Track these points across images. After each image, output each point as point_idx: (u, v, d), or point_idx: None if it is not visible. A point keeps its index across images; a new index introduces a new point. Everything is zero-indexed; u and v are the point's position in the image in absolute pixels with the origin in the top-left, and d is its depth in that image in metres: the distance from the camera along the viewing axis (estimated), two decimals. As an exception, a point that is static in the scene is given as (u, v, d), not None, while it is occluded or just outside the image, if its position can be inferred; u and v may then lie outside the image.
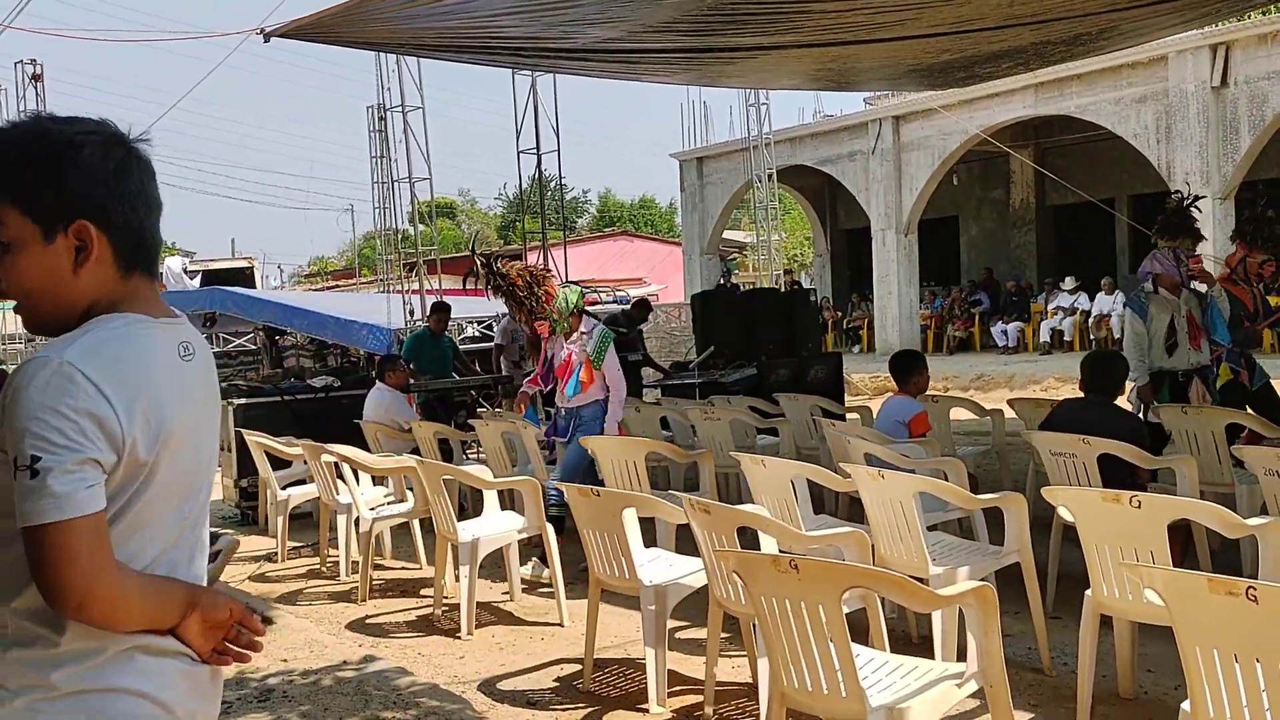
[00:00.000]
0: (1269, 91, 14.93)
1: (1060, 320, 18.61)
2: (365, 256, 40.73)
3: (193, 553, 1.66)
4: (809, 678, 2.95)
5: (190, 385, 1.61)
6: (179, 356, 1.60)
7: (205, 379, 1.66)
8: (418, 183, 15.24)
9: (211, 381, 1.69)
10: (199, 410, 1.62)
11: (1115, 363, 5.54)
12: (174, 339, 1.61)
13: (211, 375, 1.70)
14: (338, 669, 4.87)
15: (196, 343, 1.65)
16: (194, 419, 1.60)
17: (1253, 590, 2.40)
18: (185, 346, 1.62)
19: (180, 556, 1.62)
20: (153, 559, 1.56)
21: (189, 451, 1.60)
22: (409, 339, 11.02)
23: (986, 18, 7.53)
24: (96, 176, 1.53)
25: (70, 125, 1.55)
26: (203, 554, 1.69)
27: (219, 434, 1.75)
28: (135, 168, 1.59)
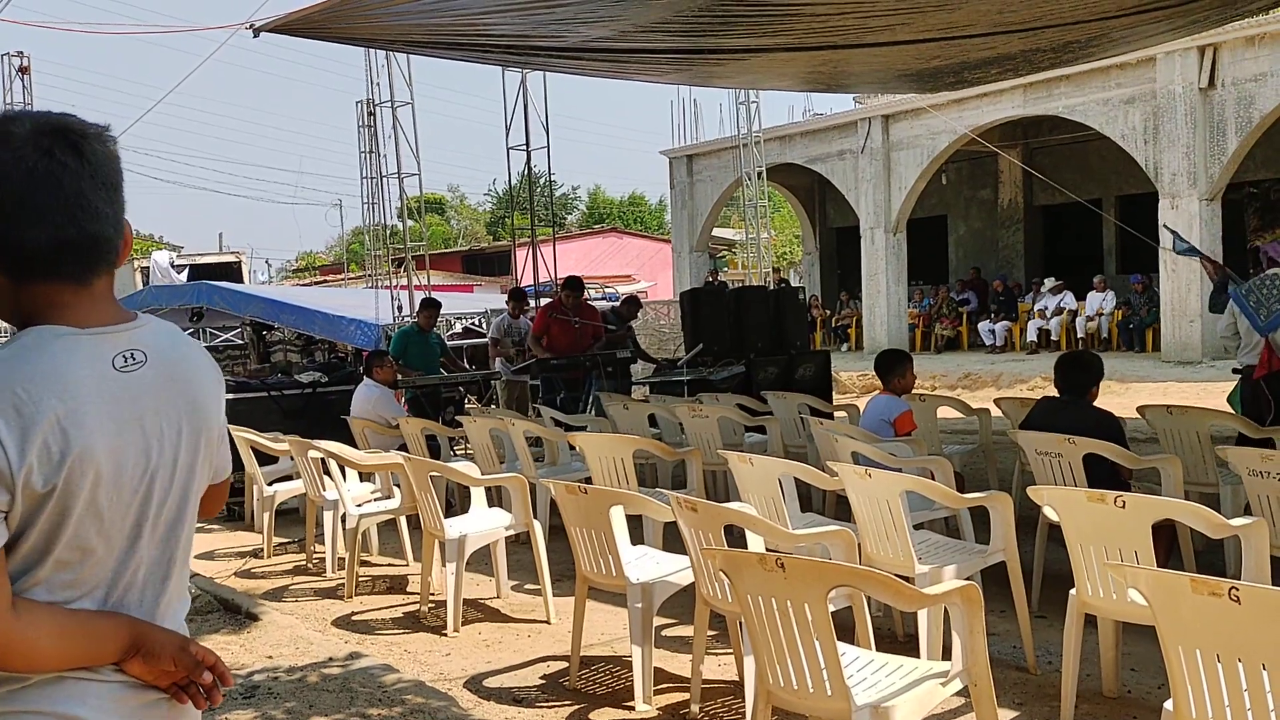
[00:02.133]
0: (1256, 93, 15.01)
1: (1047, 320, 18.68)
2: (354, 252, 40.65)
3: (157, 584, 1.57)
4: (795, 676, 2.96)
5: (133, 397, 1.50)
6: (114, 368, 1.49)
7: (163, 386, 1.54)
8: (407, 178, 15.22)
9: (177, 388, 1.56)
10: (150, 423, 1.52)
11: (1088, 362, 5.54)
12: (110, 349, 1.50)
13: (178, 382, 1.57)
14: (323, 666, 4.86)
15: (154, 348, 1.54)
16: (136, 434, 1.50)
17: (1235, 591, 2.42)
18: (128, 356, 1.51)
19: (132, 589, 1.53)
20: (87, 593, 1.49)
21: (131, 470, 1.49)
22: (397, 335, 11.01)
23: (976, 24, 7.55)
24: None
25: None
26: (174, 581, 1.60)
27: (201, 442, 1.61)
28: (35, 168, 1.46)
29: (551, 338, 10.16)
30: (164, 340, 1.59)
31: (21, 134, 1.46)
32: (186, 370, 1.60)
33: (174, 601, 1.61)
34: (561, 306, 10.35)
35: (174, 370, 1.57)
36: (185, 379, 1.59)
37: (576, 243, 34.58)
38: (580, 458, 6.66)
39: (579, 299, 10.58)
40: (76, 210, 1.48)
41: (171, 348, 1.59)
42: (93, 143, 1.52)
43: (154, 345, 1.56)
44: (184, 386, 1.58)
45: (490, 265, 34.71)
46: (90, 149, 1.51)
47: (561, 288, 10.74)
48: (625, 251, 36.56)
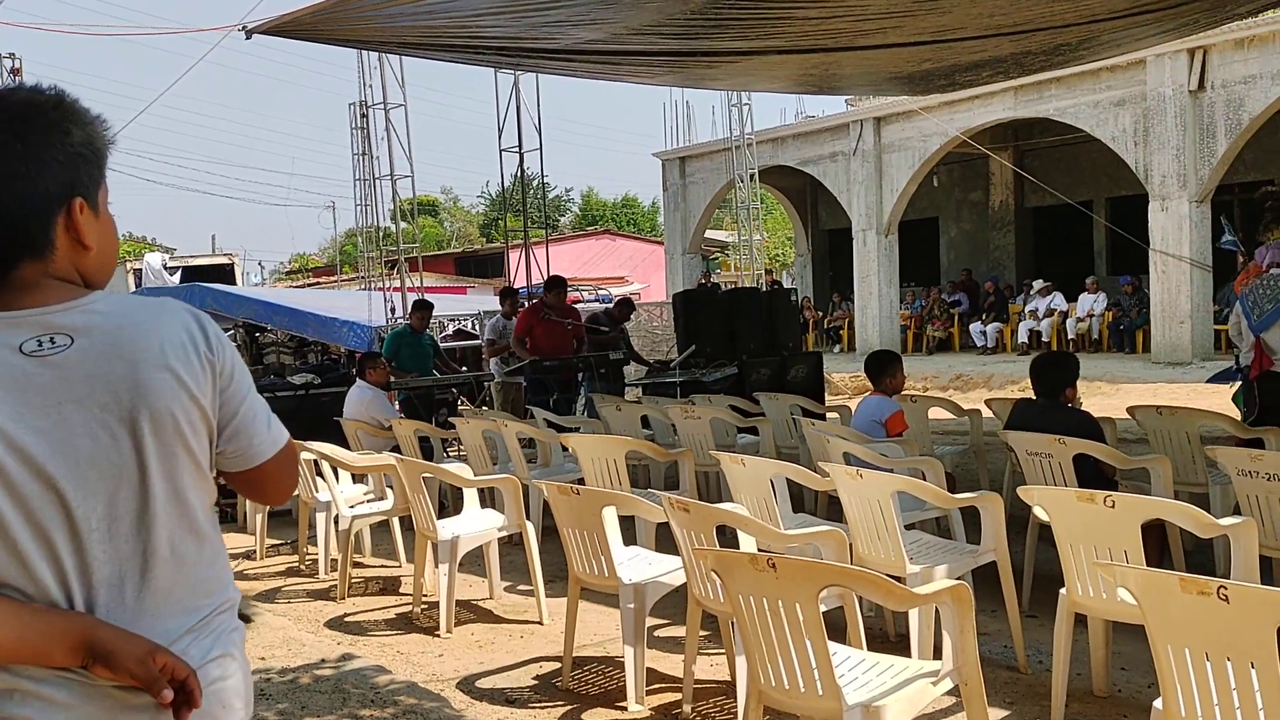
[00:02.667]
0: (1245, 95, 15.08)
1: (1038, 321, 18.74)
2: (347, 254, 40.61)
3: (134, 583, 1.48)
4: (786, 676, 2.97)
5: (45, 383, 1.42)
6: (21, 352, 1.42)
7: (94, 369, 1.44)
8: (399, 180, 15.22)
9: (116, 370, 1.45)
10: (75, 410, 1.44)
11: (1062, 361, 5.57)
12: (17, 334, 1.43)
13: (117, 363, 1.46)
14: (316, 667, 4.86)
15: (88, 328, 1.46)
16: (51, 421, 1.42)
17: (1224, 590, 2.44)
18: (43, 340, 1.44)
19: (96, 590, 1.46)
20: (35, 593, 1.43)
21: (49, 459, 1.42)
22: (390, 336, 11.00)
23: (967, 27, 7.58)
24: None
25: None
26: (158, 580, 1.50)
27: (149, 426, 1.48)
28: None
29: (535, 339, 10.17)
30: (103, 320, 1.48)
31: None
32: (127, 354, 1.47)
33: (166, 602, 1.51)
34: (544, 308, 10.36)
35: (110, 355, 1.46)
36: (127, 363, 1.46)
37: (569, 244, 34.57)
38: (573, 459, 6.67)
39: (563, 299, 10.60)
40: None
41: (114, 328, 1.48)
42: (14, 126, 1.47)
43: (88, 325, 1.47)
44: (121, 373, 1.46)
45: (483, 267, 34.69)
46: (7, 135, 1.47)
47: (545, 289, 10.75)
48: (618, 253, 36.55)
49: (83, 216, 1.53)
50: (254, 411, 1.62)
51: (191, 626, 1.53)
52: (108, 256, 1.61)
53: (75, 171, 1.52)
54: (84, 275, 1.56)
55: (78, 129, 1.53)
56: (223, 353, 1.57)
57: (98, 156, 1.56)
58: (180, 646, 1.50)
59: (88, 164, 1.54)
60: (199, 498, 1.56)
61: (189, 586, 1.54)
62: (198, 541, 1.56)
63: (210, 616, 1.56)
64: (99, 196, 1.57)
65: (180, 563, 1.53)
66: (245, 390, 1.61)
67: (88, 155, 1.54)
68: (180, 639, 1.51)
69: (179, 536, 1.53)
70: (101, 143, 1.57)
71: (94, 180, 1.56)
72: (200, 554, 1.56)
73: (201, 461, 1.56)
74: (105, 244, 1.59)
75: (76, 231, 1.52)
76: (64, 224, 1.51)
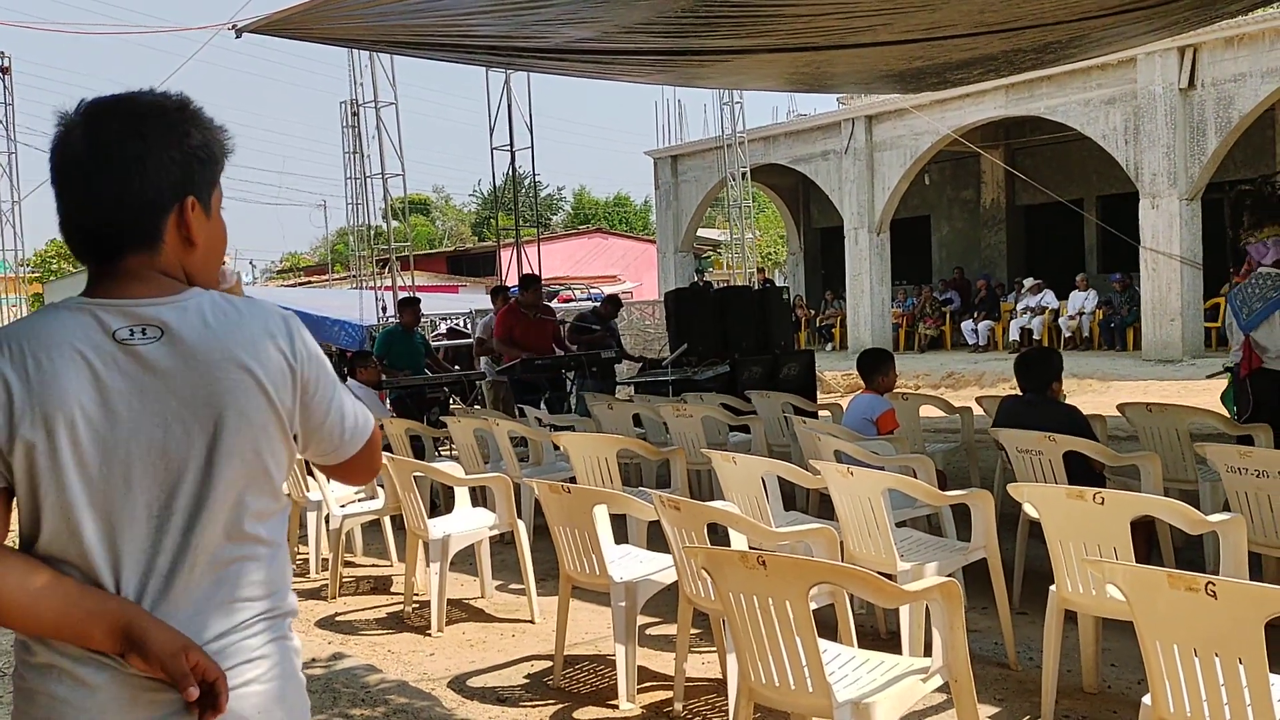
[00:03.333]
0: (1235, 94, 15.12)
1: (1029, 319, 18.79)
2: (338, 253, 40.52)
3: (161, 578, 1.49)
4: (776, 673, 2.97)
5: (132, 370, 1.48)
6: (114, 339, 1.48)
7: (177, 367, 1.49)
8: (391, 179, 15.21)
9: (195, 372, 1.50)
10: (154, 401, 1.48)
11: (1047, 357, 5.63)
12: (117, 320, 1.50)
13: (196, 365, 1.50)
14: (306, 666, 4.80)
15: (178, 325, 1.51)
16: (130, 407, 1.47)
17: (1211, 586, 2.44)
18: (136, 329, 1.49)
19: (133, 577, 1.49)
20: (86, 570, 1.48)
21: (126, 442, 1.47)
22: (381, 335, 10.99)
23: (958, 25, 7.59)
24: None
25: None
26: (191, 580, 1.51)
27: (220, 432, 1.51)
28: (58, 155, 1.55)
29: (516, 339, 10.20)
30: (195, 318, 1.53)
31: (67, 118, 1.55)
32: (211, 353, 1.51)
33: (210, 600, 1.52)
34: (520, 307, 10.39)
35: (195, 352, 1.51)
36: (207, 363, 1.51)
37: (561, 243, 34.57)
38: (564, 457, 6.67)
39: (539, 297, 10.65)
40: (82, 194, 1.55)
41: (203, 326, 1.52)
42: (107, 121, 1.54)
43: (179, 322, 1.52)
44: (203, 370, 1.50)
45: (475, 266, 34.66)
46: (102, 129, 1.54)
47: (520, 288, 10.79)
48: (610, 252, 36.55)
49: (194, 215, 1.59)
50: (340, 414, 1.67)
51: (233, 627, 1.54)
52: (214, 256, 1.67)
53: (190, 171, 1.58)
54: (189, 272, 1.61)
55: (197, 132, 1.59)
56: (308, 360, 1.60)
57: (213, 161, 1.62)
58: (216, 646, 1.51)
59: (203, 166, 1.60)
60: (261, 502, 1.57)
61: (236, 588, 1.55)
62: (251, 545, 1.57)
63: (254, 621, 1.56)
64: (212, 199, 1.63)
65: (229, 564, 1.54)
66: (330, 395, 1.65)
67: (204, 158, 1.60)
68: (219, 639, 1.52)
69: (232, 538, 1.54)
70: (219, 149, 1.63)
71: (207, 182, 1.61)
72: (253, 558, 1.57)
73: (269, 466, 1.57)
74: (213, 244, 1.65)
75: (187, 229, 1.58)
76: (176, 220, 1.57)
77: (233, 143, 1.67)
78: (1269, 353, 6.08)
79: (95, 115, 1.54)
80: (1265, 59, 14.76)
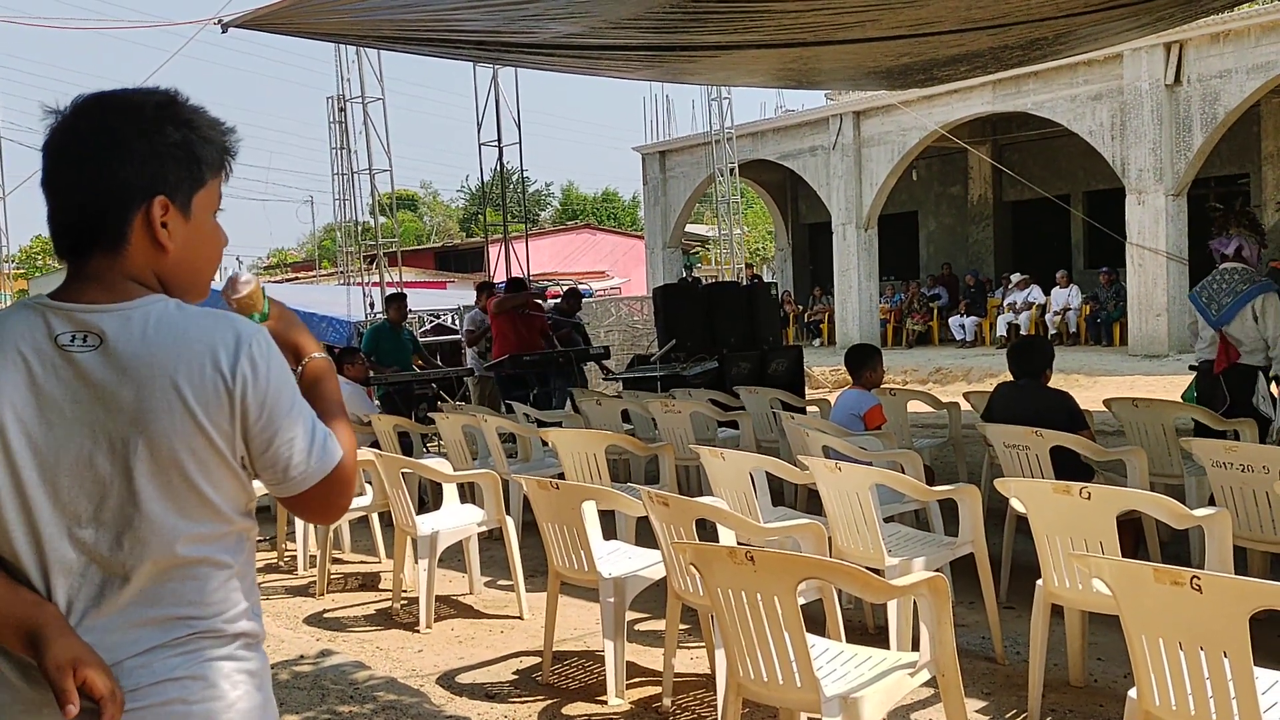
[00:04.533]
0: (1221, 90, 15.19)
1: (1016, 314, 18.85)
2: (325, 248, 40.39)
3: (90, 582, 1.47)
4: (765, 668, 2.98)
5: (67, 378, 1.44)
6: (55, 343, 1.45)
7: (107, 378, 1.44)
8: (378, 174, 15.18)
9: (125, 384, 1.43)
10: (84, 411, 1.43)
11: (1040, 345, 5.80)
12: (64, 325, 1.46)
13: (126, 377, 1.43)
14: (294, 663, 4.84)
15: (117, 334, 1.45)
16: (62, 416, 1.43)
17: (1196, 580, 2.45)
18: (77, 335, 1.45)
19: (56, 580, 1.46)
20: (8, 558, 1.46)
21: (53, 449, 1.44)
22: (369, 331, 10.97)
23: (945, 21, 7.61)
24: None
25: None
26: (119, 592, 1.47)
27: (142, 450, 1.44)
28: (42, 152, 1.51)
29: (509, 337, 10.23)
30: (136, 329, 1.46)
31: (54, 114, 1.51)
32: (142, 367, 1.44)
33: (141, 615, 1.48)
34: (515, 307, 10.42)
35: (127, 365, 1.44)
36: (137, 378, 1.44)
37: (549, 239, 34.52)
38: (553, 453, 6.66)
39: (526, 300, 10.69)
40: (52, 192, 1.51)
41: (140, 338, 1.45)
42: (81, 117, 1.50)
43: (117, 332, 1.45)
44: (132, 385, 1.43)
45: (463, 262, 34.60)
46: (75, 125, 1.50)
47: (506, 289, 10.82)
48: (598, 248, 36.52)
49: (165, 216, 1.51)
50: (288, 448, 1.53)
51: (161, 645, 1.49)
52: (195, 264, 1.57)
53: (162, 170, 1.50)
54: (162, 278, 1.54)
55: (176, 130, 1.51)
56: (251, 384, 1.48)
57: (195, 160, 1.53)
58: (138, 662, 1.47)
59: (180, 165, 1.52)
60: (196, 525, 1.50)
61: (170, 606, 1.50)
62: (191, 565, 1.51)
63: (188, 640, 1.50)
64: (194, 201, 1.55)
65: (164, 582, 1.49)
66: (276, 425, 1.51)
67: (181, 157, 1.52)
68: (143, 654, 1.48)
69: (165, 557, 1.48)
70: (207, 149, 1.55)
71: (185, 183, 1.53)
72: (193, 577, 1.51)
73: (203, 488, 1.49)
74: (193, 250, 1.56)
75: (154, 231, 1.50)
76: (142, 221, 1.50)
77: (235, 141, 1.60)
78: (1244, 345, 6.12)
79: (74, 112, 1.51)
80: (1250, 55, 14.83)
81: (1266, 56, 14.73)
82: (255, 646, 1.59)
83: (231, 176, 1.63)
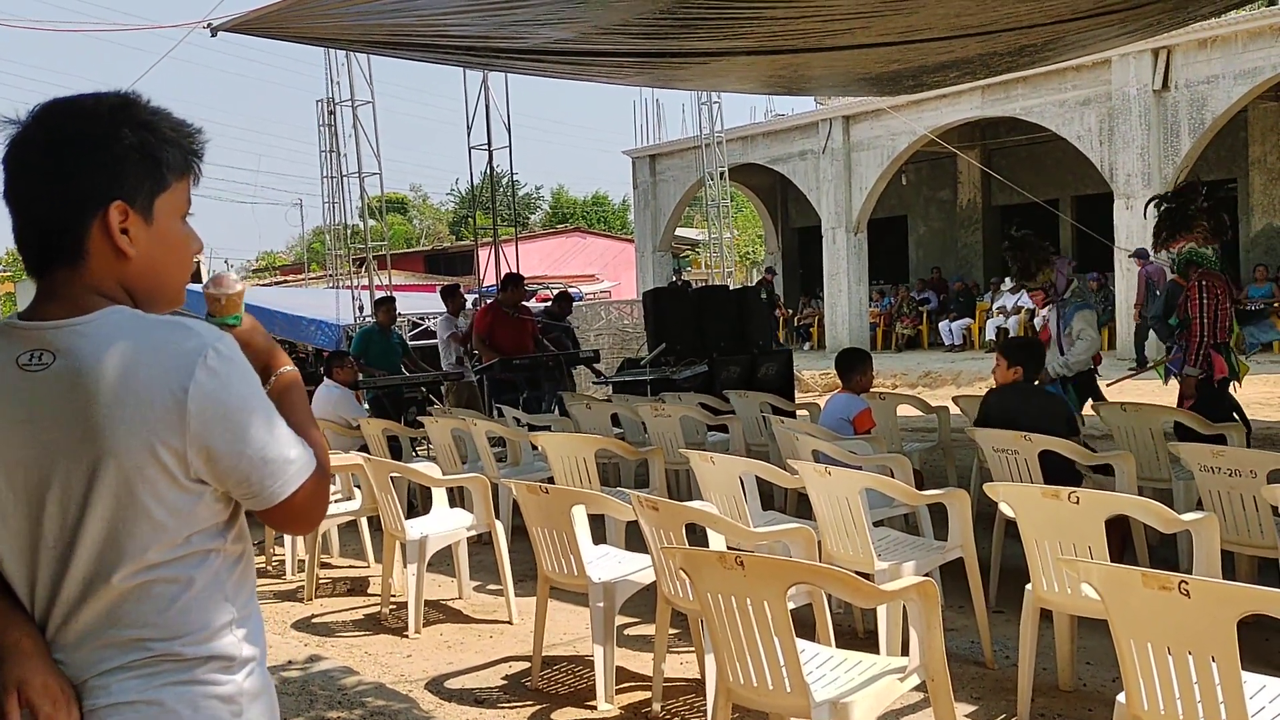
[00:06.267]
0: (1208, 95, 15.27)
1: (1006, 319, 18.91)
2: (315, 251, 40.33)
3: (43, 607, 1.44)
4: (754, 673, 2.98)
5: (27, 397, 1.41)
6: (17, 364, 1.41)
7: (62, 396, 1.40)
8: (368, 177, 15.15)
9: (76, 402, 1.39)
10: (44, 430, 1.40)
11: (1036, 345, 6.03)
12: (21, 344, 1.42)
13: (77, 395, 1.39)
14: (282, 669, 4.82)
15: (71, 350, 1.40)
16: (25, 435, 1.41)
17: (1185, 585, 2.46)
18: (35, 354, 1.41)
19: (39, 597, 1.45)
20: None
21: (18, 470, 1.42)
22: (358, 335, 10.95)
23: (934, 27, 7.63)
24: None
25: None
26: (81, 617, 1.44)
27: (91, 469, 1.40)
28: (4, 163, 1.46)
29: (496, 339, 10.18)
30: (90, 345, 1.41)
31: (12, 124, 1.47)
32: (90, 384, 1.39)
33: (101, 635, 1.45)
34: (501, 306, 10.37)
35: (78, 382, 1.39)
36: (87, 395, 1.39)
37: (540, 242, 34.51)
38: (543, 457, 6.65)
39: (519, 297, 10.63)
40: (16, 202, 1.46)
41: (94, 354, 1.40)
42: (34, 127, 1.45)
43: (71, 347, 1.41)
44: (83, 402, 1.39)
45: (453, 265, 34.55)
46: (28, 135, 1.45)
47: (500, 287, 10.77)
48: (589, 251, 36.52)
49: (125, 222, 1.45)
50: (257, 456, 1.47)
51: (118, 667, 1.45)
52: (162, 270, 1.51)
53: (118, 174, 1.44)
54: (128, 288, 1.48)
55: (133, 132, 1.45)
56: (209, 393, 1.41)
57: (155, 163, 1.47)
58: (94, 684, 1.45)
59: (138, 167, 1.46)
60: (149, 549, 1.44)
61: (128, 628, 1.45)
62: (144, 585, 1.45)
63: (145, 663, 1.46)
64: (156, 205, 1.48)
65: (122, 603, 1.45)
66: (242, 434, 1.45)
67: (138, 159, 1.45)
68: (99, 677, 1.45)
69: (119, 577, 1.44)
70: (165, 150, 1.48)
71: (145, 186, 1.47)
72: (150, 598, 1.46)
73: (151, 509, 1.43)
74: (159, 256, 1.50)
75: (113, 238, 1.45)
76: (100, 229, 1.44)
77: (202, 143, 1.54)
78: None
79: (30, 121, 1.46)
80: (1238, 61, 14.92)
81: (1253, 62, 14.82)
82: (235, 669, 1.51)
83: (201, 179, 1.57)
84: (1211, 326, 6.41)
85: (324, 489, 1.60)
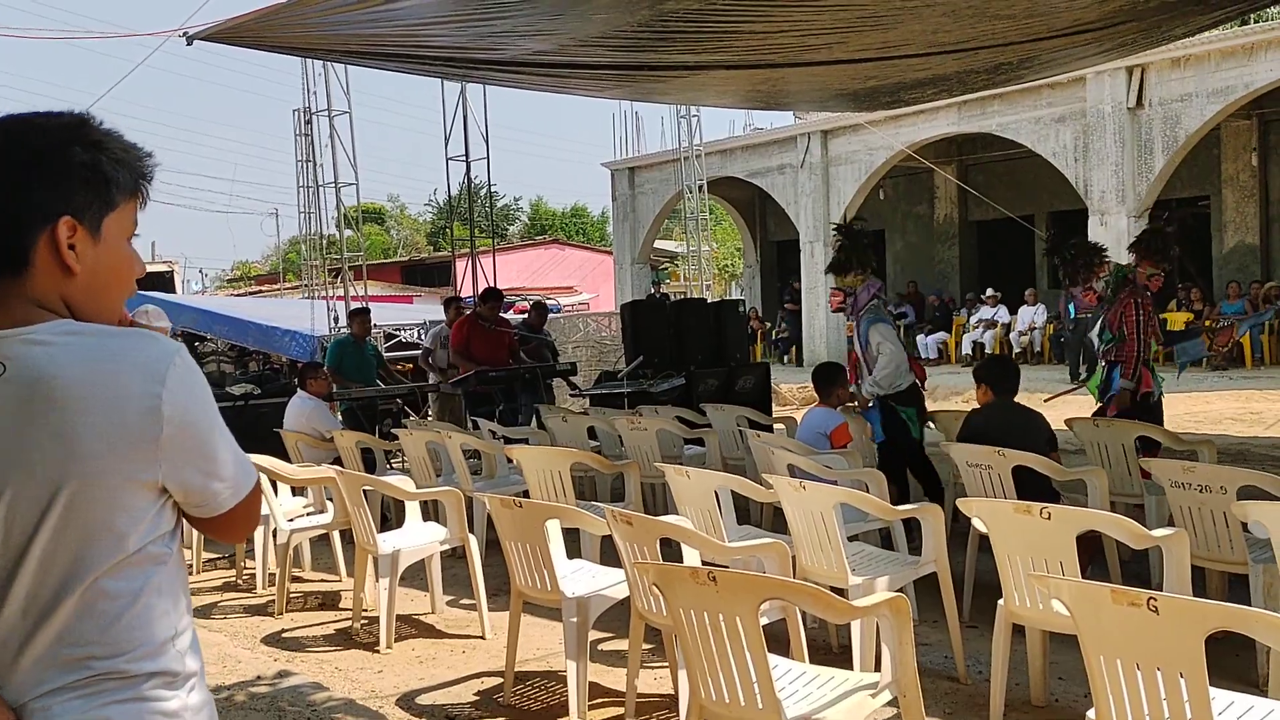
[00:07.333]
0: (1182, 113, 15.44)
1: (981, 333, 19.02)
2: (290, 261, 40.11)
3: (32, 619, 1.42)
4: (727, 689, 2.97)
5: None
6: None
7: (15, 408, 1.38)
8: (344, 188, 15.08)
9: (34, 413, 1.38)
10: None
11: (1012, 364, 6.05)
12: None
13: (35, 405, 1.38)
14: (251, 684, 4.77)
15: (22, 361, 1.39)
16: None
17: (1154, 601, 2.47)
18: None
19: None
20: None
21: None
22: (332, 346, 10.86)
23: (911, 44, 7.68)
24: None
25: None
26: (20, 626, 1.42)
27: (56, 481, 1.39)
28: None
29: (472, 350, 10.16)
30: (40, 353, 1.40)
31: None
32: (44, 391, 1.38)
33: (42, 654, 1.43)
34: (479, 319, 10.36)
35: (36, 391, 1.38)
36: (40, 401, 1.38)
37: (518, 254, 34.45)
38: (518, 470, 6.63)
39: (497, 310, 10.62)
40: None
41: (47, 362, 1.39)
42: (14, 142, 1.45)
43: (19, 355, 1.40)
44: (32, 411, 1.37)
45: (430, 276, 34.43)
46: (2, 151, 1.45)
47: (480, 300, 10.76)
48: (567, 263, 36.50)
49: (73, 238, 1.46)
50: (209, 467, 1.50)
51: (64, 686, 1.43)
52: (103, 289, 1.52)
53: (67, 191, 1.45)
54: (69, 303, 1.48)
55: (85, 151, 1.47)
56: (172, 404, 1.43)
57: (105, 182, 1.48)
58: (39, 705, 1.42)
59: (88, 186, 1.47)
60: (100, 558, 1.43)
61: (73, 646, 1.44)
62: (89, 601, 1.44)
63: (90, 681, 1.44)
64: (105, 223, 1.49)
65: (69, 619, 1.43)
66: (198, 445, 1.48)
67: (89, 177, 1.47)
68: (45, 696, 1.43)
69: (68, 592, 1.42)
70: (115, 170, 1.49)
71: (95, 204, 1.48)
72: (93, 614, 1.44)
73: (115, 519, 1.43)
74: (102, 275, 1.51)
75: (60, 254, 1.45)
76: (47, 243, 1.45)
77: (151, 166, 1.56)
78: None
79: None
80: (1211, 80, 15.10)
81: (1226, 81, 15.01)
82: (178, 684, 1.51)
83: (149, 202, 1.58)
84: (1145, 343, 6.58)
85: (259, 499, 1.65)
